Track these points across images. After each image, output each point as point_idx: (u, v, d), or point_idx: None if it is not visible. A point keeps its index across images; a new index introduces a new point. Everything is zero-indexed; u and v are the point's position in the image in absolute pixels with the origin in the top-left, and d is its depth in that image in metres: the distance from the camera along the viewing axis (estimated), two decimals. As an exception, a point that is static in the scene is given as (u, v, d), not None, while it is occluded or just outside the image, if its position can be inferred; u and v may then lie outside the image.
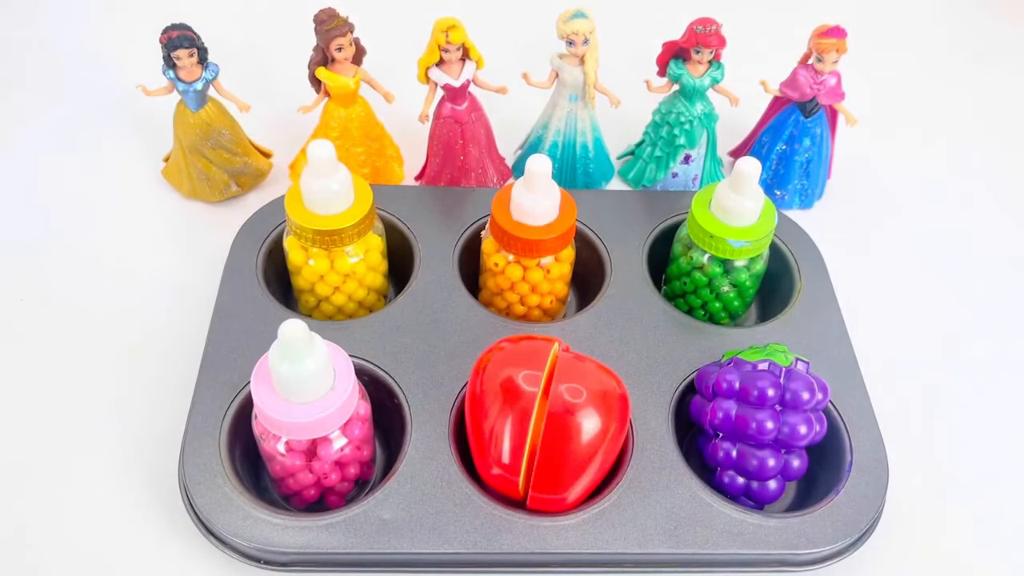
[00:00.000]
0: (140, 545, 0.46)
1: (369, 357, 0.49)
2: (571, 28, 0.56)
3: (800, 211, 0.66)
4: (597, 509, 0.44)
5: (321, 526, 0.42)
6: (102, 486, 0.48)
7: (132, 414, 0.51)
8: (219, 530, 0.42)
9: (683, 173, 0.65)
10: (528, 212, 0.49)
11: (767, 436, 0.44)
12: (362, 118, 0.61)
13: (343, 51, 0.56)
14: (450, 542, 0.42)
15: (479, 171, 0.62)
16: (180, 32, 0.55)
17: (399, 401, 0.48)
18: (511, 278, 0.52)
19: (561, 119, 0.63)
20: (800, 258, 0.57)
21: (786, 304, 0.55)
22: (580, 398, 0.42)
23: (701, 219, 0.51)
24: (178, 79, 0.57)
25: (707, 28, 0.56)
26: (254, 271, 0.53)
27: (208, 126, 0.59)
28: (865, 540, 0.45)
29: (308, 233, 0.48)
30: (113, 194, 0.64)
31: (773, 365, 0.45)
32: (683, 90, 0.60)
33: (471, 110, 0.59)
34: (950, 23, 0.89)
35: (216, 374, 0.48)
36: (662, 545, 0.43)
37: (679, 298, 0.56)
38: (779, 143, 0.64)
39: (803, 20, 0.63)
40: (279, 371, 0.38)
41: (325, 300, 0.52)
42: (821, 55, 0.58)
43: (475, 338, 0.50)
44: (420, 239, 0.56)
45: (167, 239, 0.61)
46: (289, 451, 0.42)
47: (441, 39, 0.54)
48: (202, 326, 0.51)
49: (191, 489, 0.43)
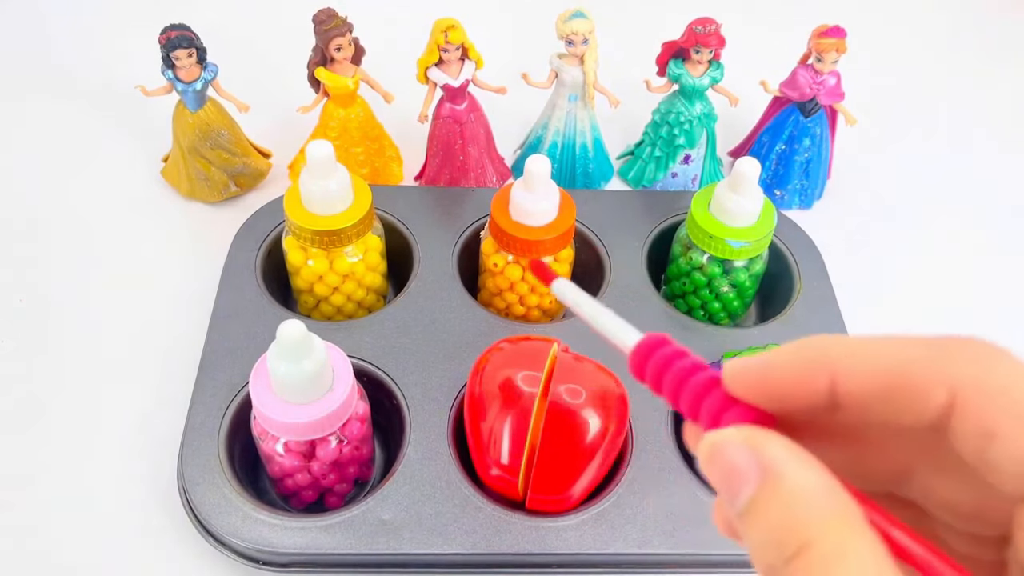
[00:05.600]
0: (139, 545, 0.46)
1: (368, 357, 0.49)
2: (570, 28, 0.56)
3: (800, 211, 0.66)
4: (597, 509, 0.44)
5: (320, 527, 0.42)
6: (101, 486, 0.48)
7: (131, 414, 0.51)
8: (218, 531, 0.42)
9: (683, 173, 0.64)
10: (527, 212, 0.49)
11: (767, 436, 0.44)
12: (361, 118, 0.61)
13: (342, 51, 0.56)
14: (450, 543, 0.42)
15: (478, 171, 0.62)
16: (179, 32, 0.55)
17: (398, 401, 0.48)
18: (510, 278, 0.52)
19: (561, 119, 0.63)
20: (800, 258, 0.57)
21: (786, 304, 0.55)
22: (579, 399, 0.42)
23: (701, 219, 0.51)
24: (177, 79, 0.57)
25: (706, 28, 0.56)
26: (253, 271, 0.53)
27: (207, 126, 0.59)
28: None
29: (307, 233, 0.48)
30: (112, 194, 0.64)
31: (773, 365, 0.45)
32: (683, 90, 0.60)
33: (470, 110, 0.59)
34: (950, 23, 0.89)
35: (215, 374, 0.48)
36: (662, 545, 0.43)
37: (679, 298, 0.56)
38: (779, 143, 0.64)
39: (803, 20, 0.63)
40: (278, 372, 0.38)
41: (324, 300, 0.52)
42: (821, 55, 0.58)
43: (474, 338, 0.50)
44: (419, 239, 0.56)
45: (166, 239, 0.61)
46: (288, 451, 0.42)
47: (440, 39, 0.54)
48: (201, 326, 0.51)
49: (190, 490, 0.43)
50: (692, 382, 0.21)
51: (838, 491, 0.17)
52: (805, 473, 0.18)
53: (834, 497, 0.17)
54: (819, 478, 0.18)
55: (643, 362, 0.22)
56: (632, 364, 0.23)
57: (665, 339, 0.23)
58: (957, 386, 0.17)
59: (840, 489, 0.18)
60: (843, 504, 0.17)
